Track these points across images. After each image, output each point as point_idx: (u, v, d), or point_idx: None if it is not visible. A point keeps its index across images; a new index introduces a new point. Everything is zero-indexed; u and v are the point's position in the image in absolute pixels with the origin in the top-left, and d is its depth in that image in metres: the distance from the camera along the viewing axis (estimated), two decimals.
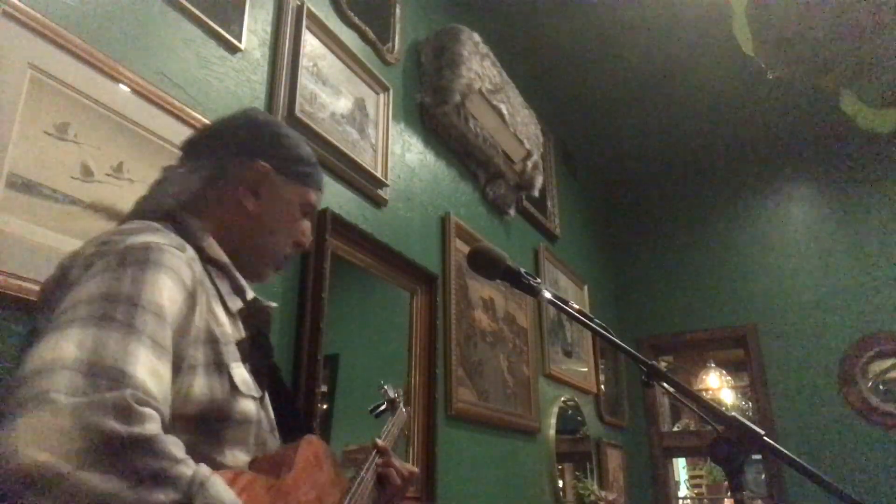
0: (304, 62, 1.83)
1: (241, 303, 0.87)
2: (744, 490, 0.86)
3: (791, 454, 0.81)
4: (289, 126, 1.02)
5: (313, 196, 1.00)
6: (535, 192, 3.24)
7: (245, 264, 0.91)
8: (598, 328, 1.00)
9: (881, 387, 3.89)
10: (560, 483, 3.07)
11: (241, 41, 1.63)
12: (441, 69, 2.52)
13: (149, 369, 0.61)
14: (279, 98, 1.73)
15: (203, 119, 1.45)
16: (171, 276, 0.71)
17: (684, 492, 6.15)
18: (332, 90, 1.97)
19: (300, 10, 1.86)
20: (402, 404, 1.27)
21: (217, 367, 0.77)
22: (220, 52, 1.58)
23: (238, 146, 0.94)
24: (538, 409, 2.96)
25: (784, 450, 0.82)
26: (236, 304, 0.86)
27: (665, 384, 0.92)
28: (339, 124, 1.96)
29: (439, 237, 2.48)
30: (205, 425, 0.74)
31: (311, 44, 1.90)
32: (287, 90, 1.75)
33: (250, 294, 0.90)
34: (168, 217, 0.86)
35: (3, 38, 1.09)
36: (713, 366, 5.40)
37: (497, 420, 2.57)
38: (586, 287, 4.04)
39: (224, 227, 0.90)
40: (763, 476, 4.36)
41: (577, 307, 1.03)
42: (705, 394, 5.17)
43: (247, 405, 0.80)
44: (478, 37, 2.68)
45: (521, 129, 2.96)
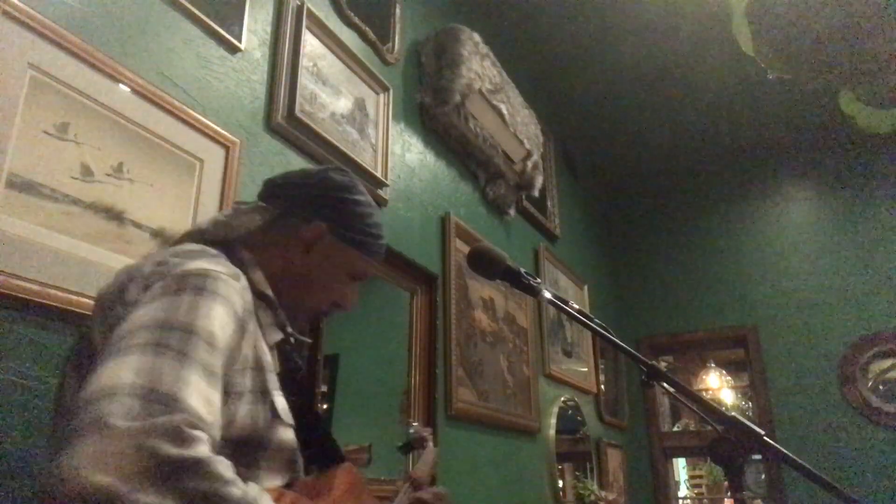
0: (304, 62, 1.83)
1: (280, 335, 0.91)
2: (744, 490, 0.86)
3: (791, 454, 0.81)
4: (360, 194, 1.05)
5: (366, 265, 1.03)
6: (535, 192, 3.24)
7: (284, 309, 0.94)
8: (598, 328, 1.00)
9: (881, 387, 3.89)
10: (560, 483, 3.07)
11: (241, 41, 1.63)
12: (441, 69, 2.52)
13: (201, 395, 0.64)
14: (279, 98, 1.73)
15: (203, 119, 1.46)
16: (225, 305, 0.74)
17: (684, 492, 6.15)
18: (332, 90, 1.97)
19: (300, 10, 1.86)
20: (430, 442, 1.29)
21: (262, 394, 0.80)
22: (220, 52, 1.58)
23: (304, 201, 0.99)
24: (538, 409, 2.96)
25: (784, 450, 0.82)
26: (275, 336, 0.90)
27: (665, 384, 0.92)
28: (339, 124, 1.96)
29: (439, 237, 2.48)
30: (244, 451, 0.77)
31: (311, 44, 1.90)
32: (287, 90, 1.75)
33: (289, 328, 0.93)
34: (223, 244, 0.90)
35: (3, 38, 1.09)
36: (713, 366, 5.40)
37: (497, 420, 2.57)
38: (586, 287, 4.04)
39: (274, 269, 0.94)
40: (763, 476, 4.35)
41: (577, 307, 1.03)
42: (705, 394, 5.17)
43: (286, 433, 0.83)
44: (478, 37, 2.68)
45: (521, 129, 2.96)
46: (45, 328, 1.08)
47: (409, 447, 1.30)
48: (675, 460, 4.90)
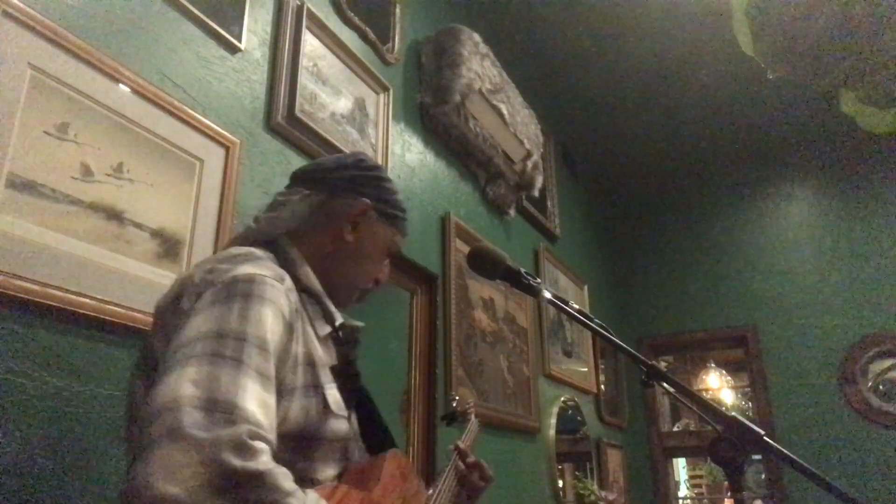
0: (304, 62, 1.83)
1: (329, 328, 0.95)
2: (744, 490, 0.86)
3: (791, 454, 0.81)
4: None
5: (399, 240, 1.10)
6: (535, 192, 3.24)
7: (332, 291, 0.99)
8: (598, 328, 1.00)
9: (881, 387, 3.89)
10: (560, 483, 3.07)
11: (241, 41, 1.63)
12: (441, 69, 2.52)
13: (257, 399, 0.68)
14: (279, 98, 1.73)
15: (203, 119, 1.46)
16: (272, 308, 0.79)
17: (684, 492, 6.15)
18: (332, 90, 1.97)
19: (300, 10, 1.86)
20: (473, 414, 1.34)
21: (313, 388, 0.85)
22: (220, 52, 1.58)
23: (347, 182, 1.04)
24: (538, 409, 2.96)
25: (784, 450, 0.82)
26: (325, 329, 0.94)
27: (665, 384, 0.92)
28: (339, 124, 1.96)
29: (439, 237, 2.48)
30: (300, 443, 0.81)
31: (311, 44, 1.90)
32: (287, 90, 1.75)
33: (339, 319, 0.97)
34: (271, 244, 0.96)
35: (3, 38, 1.09)
36: (713, 366, 5.40)
37: (497, 420, 2.57)
38: (586, 287, 4.04)
39: (321, 254, 1.00)
40: (763, 476, 4.36)
41: (577, 307, 1.03)
42: (705, 394, 5.17)
43: (338, 424, 0.87)
44: (478, 37, 2.68)
45: (521, 129, 2.96)
46: (45, 328, 1.08)
47: (452, 418, 1.34)
48: (675, 460, 4.90)
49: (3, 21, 1.09)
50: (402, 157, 2.33)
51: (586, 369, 3.75)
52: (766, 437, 0.83)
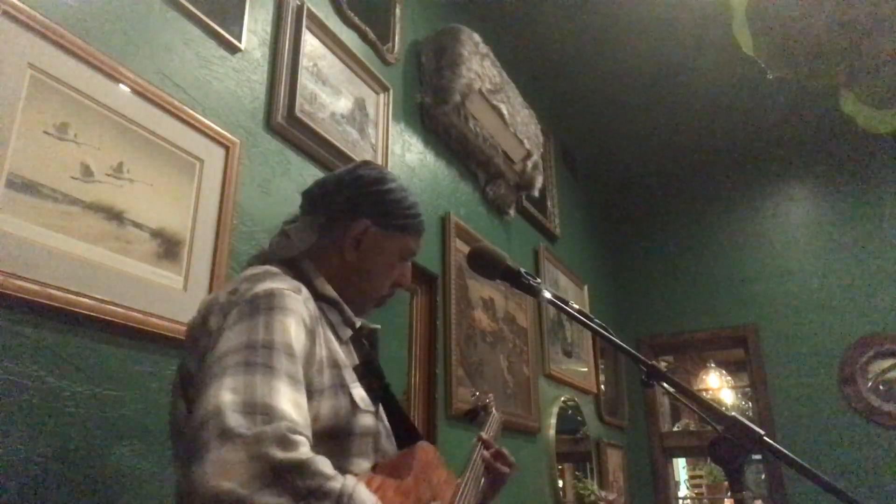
0: (304, 62, 1.83)
1: (350, 332, 1.02)
2: (744, 490, 0.86)
3: (791, 454, 0.81)
4: (394, 182, 1.14)
5: (411, 243, 1.13)
6: (535, 192, 3.24)
7: (349, 301, 1.05)
8: (598, 328, 1.00)
9: (881, 387, 3.89)
10: (560, 483, 3.07)
11: (241, 41, 1.63)
12: (441, 69, 2.52)
13: (290, 401, 0.74)
14: (279, 98, 1.73)
15: (203, 119, 1.46)
16: (294, 317, 0.85)
17: (684, 492, 6.16)
18: (332, 90, 1.97)
19: (300, 10, 1.86)
20: (494, 408, 1.39)
21: (340, 388, 0.91)
22: (220, 52, 1.58)
23: (343, 204, 1.08)
24: (538, 409, 2.96)
25: (784, 450, 0.82)
26: (346, 333, 1.02)
27: (665, 384, 0.92)
28: (339, 124, 1.96)
29: (439, 237, 2.48)
30: (333, 439, 0.87)
31: (311, 44, 1.90)
32: (287, 90, 1.75)
33: (358, 322, 1.05)
34: (287, 262, 1.03)
35: (3, 38, 1.09)
36: (713, 366, 5.40)
37: None
38: (586, 287, 4.04)
39: (332, 271, 1.06)
40: (763, 476, 4.36)
41: (577, 307, 1.03)
42: (705, 394, 5.17)
43: (366, 419, 0.93)
44: (478, 37, 2.68)
45: (521, 129, 2.96)
46: (45, 328, 1.08)
47: (474, 413, 1.38)
48: (675, 460, 4.89)
49: (3, 21, 1.09)
50: (402, 157, 2.33)
51: (586, 369, 3.75)
52: (766, 437, 0.83)
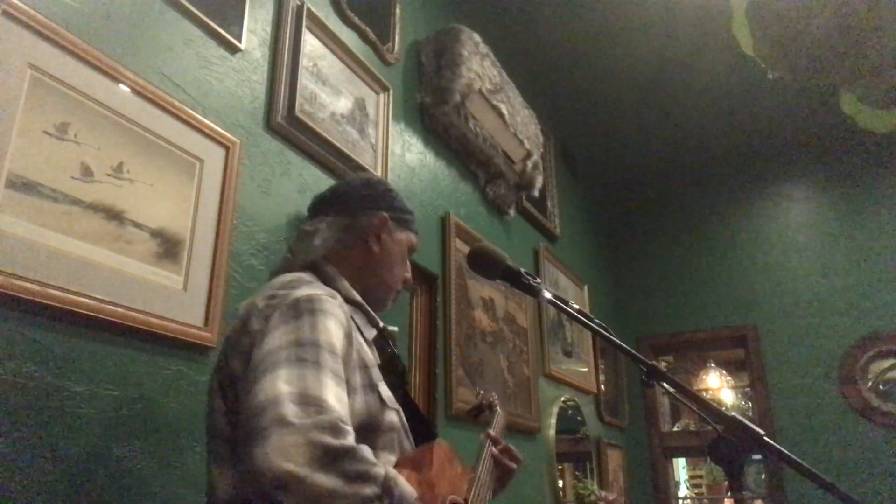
0: (304, 62, 1.83)
1: (375, 332, 1.10)
2: (744, 490, 0.86)
3: (791, 454, 0.81)
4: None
5: (414, 238, 1.24)
6: (535, 192, 3.24)
7: (371, 298, 1.13)
8: (598, 328, 1.00)
9: (881, 387, 3.89)
10: (560, 483, 3.07)
11: (241, 41, 1.63)
12: (441, 69, 2.52)
13: (335, 395, 0.82)
14: (279, 98, 1.72)
15: (203, 119, 1.46)
16: (333, 320, 0.92)
17: (684, 492, 6.15)
18: (332, 90, 1.97)
19: (300, 10, 1.86)
20: (497, 406, 1.43)
21: (370, 387, 0.98)
22: (220, 52, 1.58)
23: (362, 201, 1.18)
24: (538, 409, 2.96)
25: (784, 450, 0.82)
26: (371, 333, 1.09)
27: (665, 384, 0.92)
28: (339, 124, 1.96)
29: (439, 237, 2.48)
30: (364, 434, 0.92)
31: (311, 44, 1.90)
32: (287, 90, 1.75)
33: (381, 323, 1.12)
34: (311, 267, 1.09)
35: (3, 38, 1.09)
36: (713, 366, 5.40)
37: None
38: (586, 287, 4.04)
39: (356, 268, 1.14)
40: (763, 476, 4.36)
41: (577, 307, 1.03)
42: (705, 394, 5.17)
43: (392, 416, 1.01)
44: (478, 37, 2.68)
45: (521, 129, 2.96)
46: (45, 328, 1.08)
47: (479, 411, 1.43)
48: (675, 460, 4.89)
49: (3, 21, 1.09)
50: (402, 157, 2.33)
51: (586, 369, 3.75)
52: (766, 437, 0.83)
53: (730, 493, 4.86)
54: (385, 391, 1.01)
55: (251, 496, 0.77)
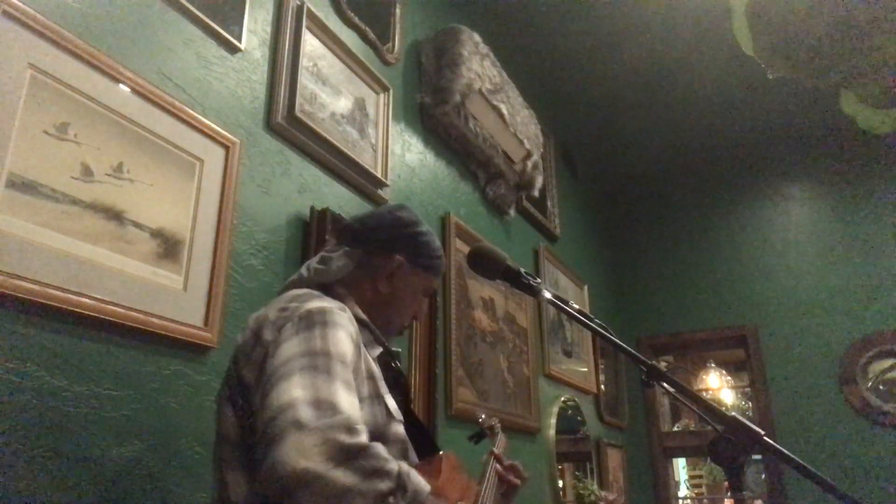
0: (304, 62, 1.83)
1: (380, 349, 1.13)
2: (744, 490, 0.86)
3: (791, 454, 0.81)
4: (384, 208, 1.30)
5: (434, 282, 1.27)
6: (535, 192, 3.24)
7: (375, 327, 1.16)
8: (598, 328, 1.00)
9: (881, 387, 3.89)
10: (560, 483, 3.07)
11: (241, 41, 1.63)
12: (441, 69, 2.52)
13: (347, 401, 0.84)
14: (279, 98, 1.72)
15: (203, 119, 1.46)
16: (344, 331, 0.95)
17: (684, 492, 6.16)
18: (332, 90, 1.97)
19: (300, 10, 1.86)
20: (499, 428, 1.45)
21: (376, 398, 1.01)
22: (220, 52, 1.58)
23: (382, 242, 1.20)
24: (538, 409, 2.96)
25: (784, 450, 0.82)
26: (376, 351, 1.12)
27: (665, 384, 0.92)
28: (339, 124, 1.96)
29: (439, 237, 2.47)
30: None
31: (311, 44, 1.90)
32: (287, 90, 1.75)
33: (386, 343, 1.16)
34: (322, 287, 1.12)
35: (3, 38, 1.09)
36: (713, 366, 5.40)
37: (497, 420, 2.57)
38: (586, 287, 4.04)
39: (364, 300, 1.17)
40: (763, 476, 4.36)
41: (577, 307, 1.04)
42: (705, 394, 5.17)
43: (398, 428, 1.03)
44: (478, 37, 2.68)
45: (521, 129, 2.96)
46: (45, 328, 1.08)
47: (481, 435, 1.43)
48: (675, 460, 4.89)
49: (3, 21, 1.09)
50: (402, 157, 2.33)
51: (586, 369, 3.75)
52: (766, 437, 0.83)
53: (730, 493, 4.86)
54: (391, 403, 1.04)
55: (269, 500, 0.78)
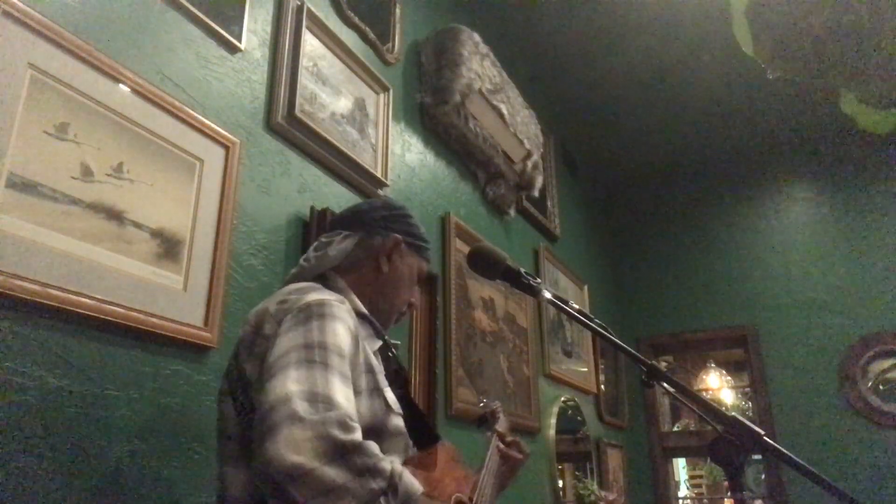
0: (304, 62, 1.83)
1: (380, 342, 1.12)
2: (744, 490, 0.86)
3: (791, 454, 0.81)
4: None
5: (425, 266, 1.28)
6: (535, 192, 3.24)
7: (376, 315, 1.16)
8: (598, 328, 1.00)
9: (881, 387, 3.89)
10: (560, 483, 3.07)
11: (241, 41, 1.63)
12: (441, 69, 2.52)
13: (343, 395, 0.84)
14: (279, 98, 1.72)
15: (203, 119, 1.46)
16: (342, 324, 0.95)
17: (684, 492, 6.16)
18: (332, 90, 1.97)
19: (300, 10, 1.86)
20: (501, 413, 1.47)
21: (375, 391, 1.00)
22: (220, 52, 1.58)
23: (380, 222, 1.22)
24: (538, 409, 2.96)
25: (784, 450, 0.82)
26: (375, 344, 1.11)
27: (665, 384, 0.92)
28: (339, 124, 1.96)
29: (439, 237, 2.48)
30: (369, 437, 0.92)
31: (311, 44, 1.90)
32: (287, 90, 1.75)
33: (386, 336, 1.15)
34: (321, 278, 1.14)
35: (3, 38, 1.09)
36: (713, 366, 5.39)
37: None
38: (586, 287, 4.04)
39: (363, 284, 1.17)
40: (763, 476, 4.36)
41: (577, 307, 1.03)
42: (705, 394, 5.17)
43: (397, 420, 1.03)
44: (478, 37, 2.68)
45: (521, 129, 2.96)
46: (45, 328, 1.08)
47: (483, 420, 1.45)
48: (675, 460, 4.89)
49: (3, 21, 1.09)
50: (402, 157, 2.32)
51: (586, 369, 3.74)
52: (766, 437, 0.83)
53: (730, 493, 4.86)
54: (390, 396, 1.03)
55: (265, 494, 0.79)
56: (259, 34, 1.73)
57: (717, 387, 5.37)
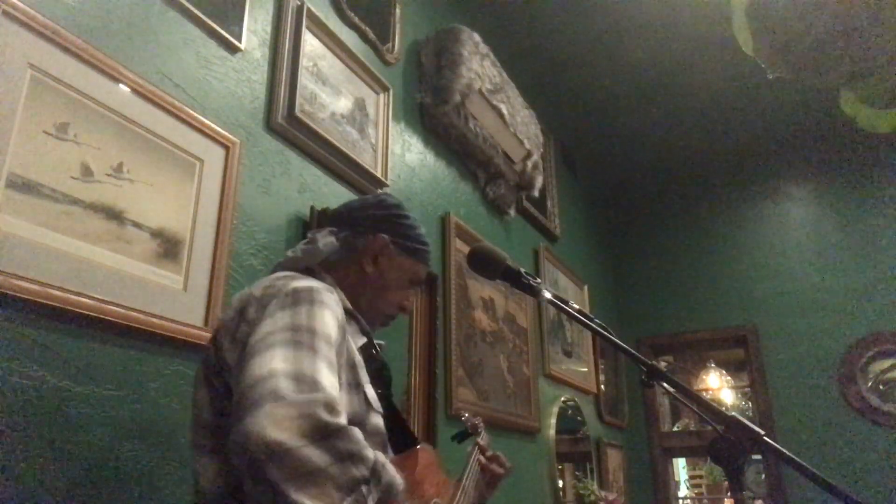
0: (304, 62, 1.83)
1: (364, 339, 1.08)
2: (744, 490, 0.86)
3: (791, 454, 0.81)
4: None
5: (421, 270, 1.23)
6: (535, 192, 3.24)
7: (361, 315, 1.12)
8: (598, 328, 1.00)
9: (881, 387, 3.89)
10: (560, 483, 3.07)
11: (241, 41, 1.63)
12: (441, 69, 2.52)
13: (329, 381, 0.80)
14: (279, 98, 1.72)
15: (203, 119, 1.46)
16: (330, 312, 0.92)
17: (684, 492, 6.16)
18: (332, 90, 1.97)
19: (300, 10, 1.86)
20: (482, 428, 1.47)
21: (356, 387, 0.97)
22: (220, 52, 1.58)
23: (368, 221, 1.19)
24: (538, 409, 2.96)
25: (784, 450, 0.82)
26: (360, 341, 1.07)
27: (665, 384, 0.92)
28: (339, 124, 1.96)
29: (439, 237, 2.48)
30: None
31: (311, 44, 1.90)
32: (287, 90, 1.75)
33: (371, 334, 1.12)
34: (308, 271, 1.10)
35: (3, 38, 1.09)
36: (713, 366, 5.39)
37: (497, 420, 2.57)
38: (586, 287, 4.04)
39: (349, 284, 1.14)
40: (763, 476, 4.35)
41: (577, 307, 1.03)
42: (705, 394, 5.17)
43: (377, 419, 1.00)
44: (478, 37, 2.68)
45: (521, 129, 2.96)
46: (45, 328, 1.08)
47: (465, 435, 1.45)
48: (675, 460, 4.89)
49: (3, 21, 1.09)
50: (402, 157, 2.32)
51: (586, 369, 3.75)
52: (766, 437, 0.83)
53: (730, 493, 4.86)
54: (371, 393, 1.00)
55: (239, 473, 0.74)
56: (259, 34, 1.73)
57: (717, 387, 5.37)
